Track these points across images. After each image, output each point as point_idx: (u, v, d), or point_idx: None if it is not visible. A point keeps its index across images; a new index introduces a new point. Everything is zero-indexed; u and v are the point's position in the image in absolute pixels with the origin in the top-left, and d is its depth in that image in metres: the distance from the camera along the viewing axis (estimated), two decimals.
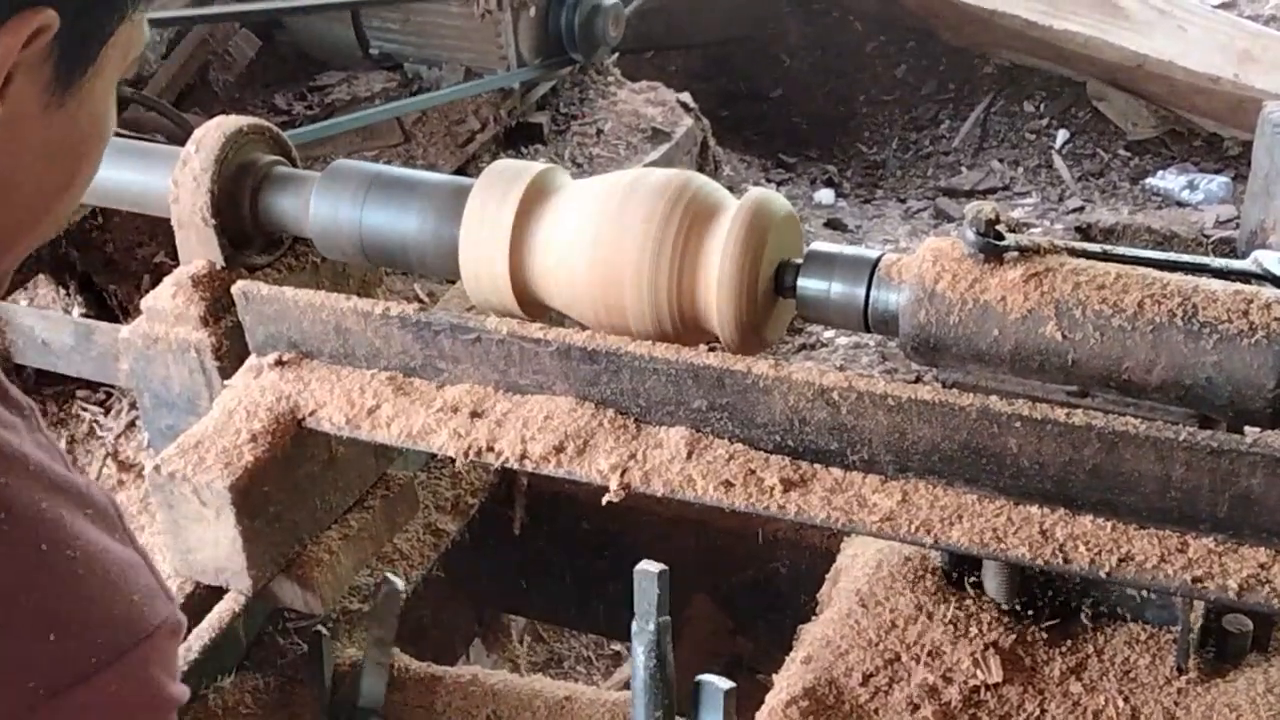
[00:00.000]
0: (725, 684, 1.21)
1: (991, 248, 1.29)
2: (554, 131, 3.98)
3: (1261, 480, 1.18)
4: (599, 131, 4.00)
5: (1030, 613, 1.44)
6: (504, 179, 1.54)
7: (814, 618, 1.53)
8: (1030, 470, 1.27)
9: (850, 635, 1.43)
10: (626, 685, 1.58)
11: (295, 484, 1.70)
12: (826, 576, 1.67)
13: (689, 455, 1.38)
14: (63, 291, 2.77)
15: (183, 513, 1.65)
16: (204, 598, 1.73)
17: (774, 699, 1.38)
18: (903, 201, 4.93)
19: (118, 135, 3.08)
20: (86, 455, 2.64)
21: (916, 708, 1.35)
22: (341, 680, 1.75)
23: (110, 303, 2.75)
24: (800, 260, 1.45)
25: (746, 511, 1.36)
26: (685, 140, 4.08)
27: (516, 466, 1.45)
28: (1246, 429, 1.31)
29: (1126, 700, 1.35)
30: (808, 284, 1.44)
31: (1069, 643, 1.42)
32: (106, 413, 2.66)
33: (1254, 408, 1.23)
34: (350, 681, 1.73)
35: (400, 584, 1.80)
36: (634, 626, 1.27)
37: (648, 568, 1.25)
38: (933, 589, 1.46)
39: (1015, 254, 1.29)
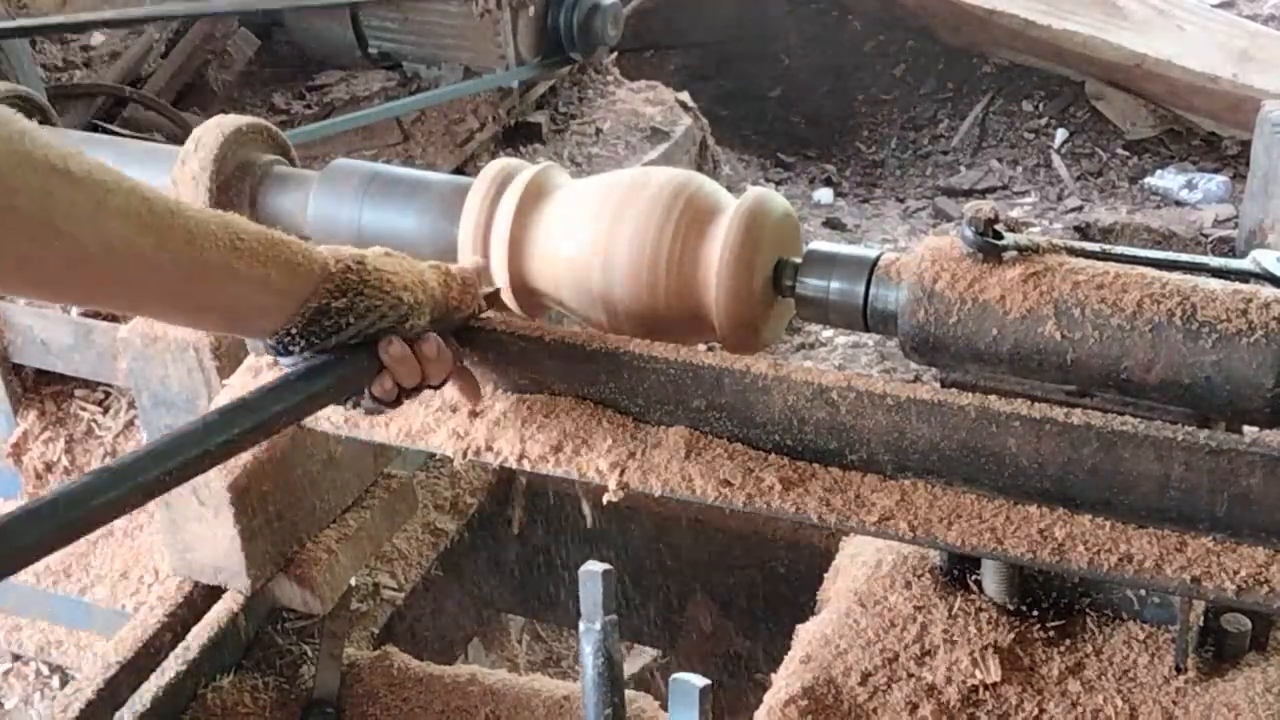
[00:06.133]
0: (700, 681, 1.20)
1: (990, 247, 1.29)
2: (553, 131, 3.98)
3: (1260, 480, 1.18)
4: (598, 131, 4.00)
5: (1030, 612, 1.44)
6: (503, 178, 1.54)
7: (813, 617, 1.53)
8: (1029, 470, 1.27)
9: (849, 634, 1.43)
10: (628, 684, 1.59)
11: (294, 483, 1.71)
12: (825, 576, 1.67)
13: (688, 454, 1.38)
14: None
15: (181, 512, 1.65)
16: (202, 597, 1.73)
17: (773, 698, 1.38)
18: (901, 201, 4.94)
19: (117, 134, 3.08)
20: (85, 455, 2.63)
21: (915, 707, 1.35)
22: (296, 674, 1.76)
23: None
24: (799, 259, 1.45)
25: (745, 511, 1.36)
26: (684, 139, 4.08)
27: (515, 466, 1.45)
28: (1245, 428, 1.31)
29: (1125, 700, 1.35)
30: (807, 283, 1.43)
31: (1068, 642, 1.42)
32: (105, 412, 2.65)
33: (1253, 407, 1.23)
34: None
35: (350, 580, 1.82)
36: (581, 626, 1.27)
37: (592, 568, 1.26)
38: (931, 588, 1.46)
39: (1014, 253, 1.29)
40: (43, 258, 1.07)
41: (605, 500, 1.40)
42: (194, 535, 1.67)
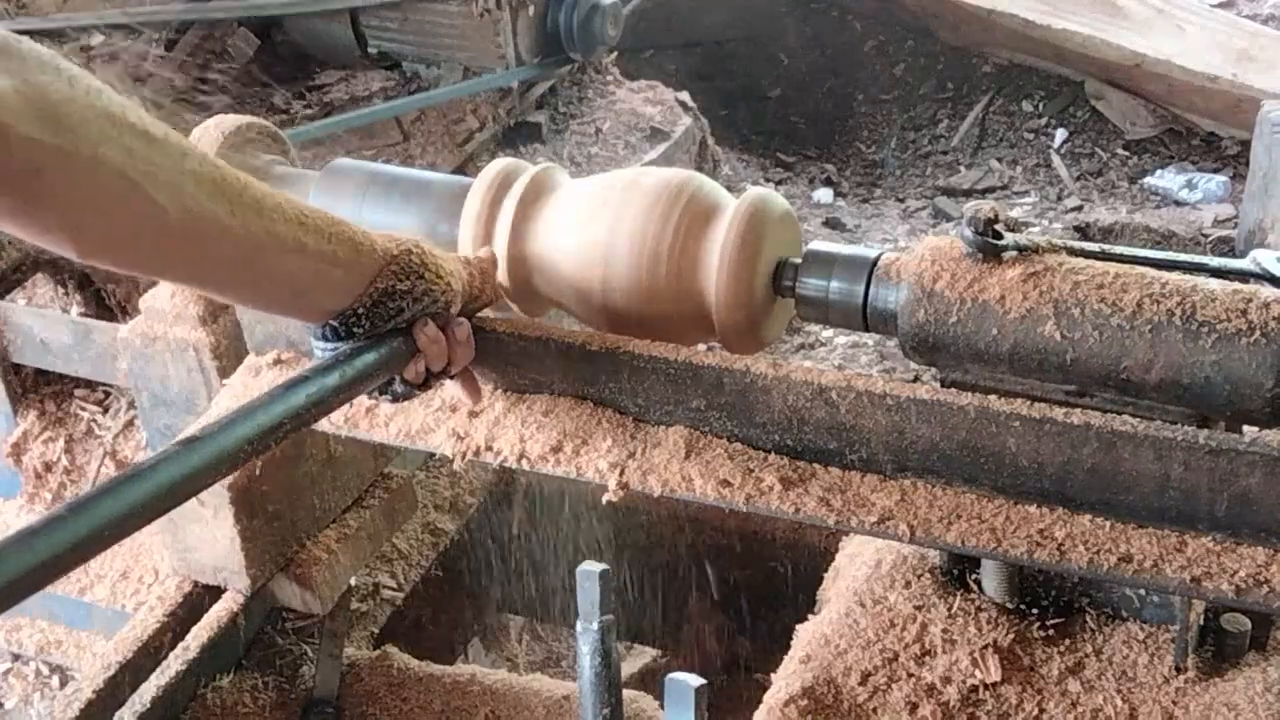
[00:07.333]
0: (696, 681, 1.21)
1: (990, 247, 1.29)
2: (552, 131, 3.97)
3: (1260, 479, 1.18)
4: (598, 131, 4.00)
5: (1029, 612, 1.44)
6: (503, 178, 1.54)
7: (813, 617, 1.53)
8: (1029, 469, 1.27)
9: (849, 634, 1.43)
10: (626, 684, 1.60)
11: (293, 483, 1.71)
12: (825, 576, 1.67)
13: (687, 454, 1.38)
14: (61, 290, 2.77)
15: (181, 512, 1.65)
16: (202, 597, 1.73)
17: (772, 698, 1.38)
18: (901, 201, 4.93)
19: None
20: (85, 454, 2.63)
21: (915, 707, 1.35)
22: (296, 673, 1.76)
23: (109, 302, 2.75)
24: (799, 259, 1.45)
25: (745, 511, 1.36)
26: (684, 139, 4.07)
27: (515, 466, 1.45)
28: (1245, 428, 1.31)
29: (1125, 699, 1.35)
30: (806, 283, 1.44)
31: (1067, 642, 1.42)
32: (105, 412, 2.65)
33: (1252, 407, 1.23)
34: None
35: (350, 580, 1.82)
36: (578, 626, 1.28)
37: (588, 568, 1.26)
38: (931, 588, 1.46)
39: (1014, 253, 1.30)
40: (123, 216, 1.08)
41: (605, 500, 1.40)
42: (194, 535, 1.67)
